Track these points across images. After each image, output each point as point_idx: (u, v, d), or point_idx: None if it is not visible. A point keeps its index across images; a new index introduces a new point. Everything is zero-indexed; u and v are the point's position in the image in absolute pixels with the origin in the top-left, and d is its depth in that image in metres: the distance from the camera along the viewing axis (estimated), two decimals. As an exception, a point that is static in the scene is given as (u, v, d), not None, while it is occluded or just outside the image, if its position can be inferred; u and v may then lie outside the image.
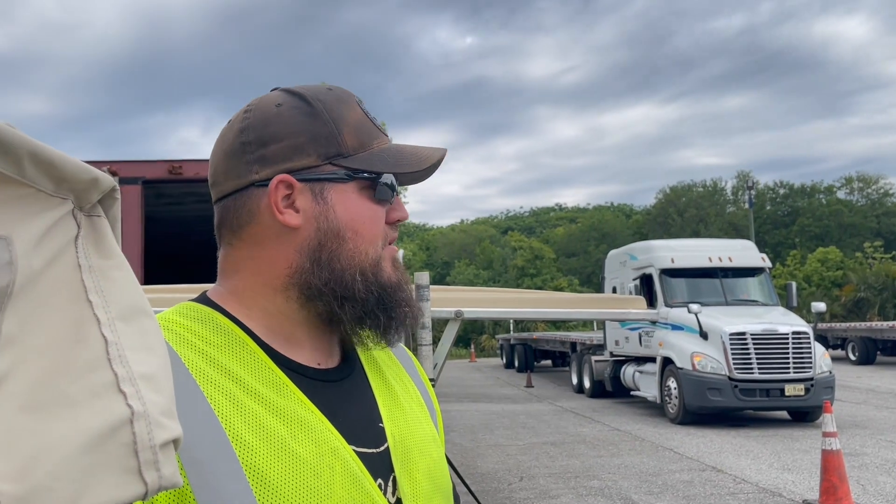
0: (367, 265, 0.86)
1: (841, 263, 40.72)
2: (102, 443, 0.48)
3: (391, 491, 0.85)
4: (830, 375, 10.93)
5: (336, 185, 0.85)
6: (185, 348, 0.80)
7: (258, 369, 0.82)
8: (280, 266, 0.85)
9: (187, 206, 5.70)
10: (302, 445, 0.78)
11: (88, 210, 0.58)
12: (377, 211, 0.87)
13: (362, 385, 0.91)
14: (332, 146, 0.86)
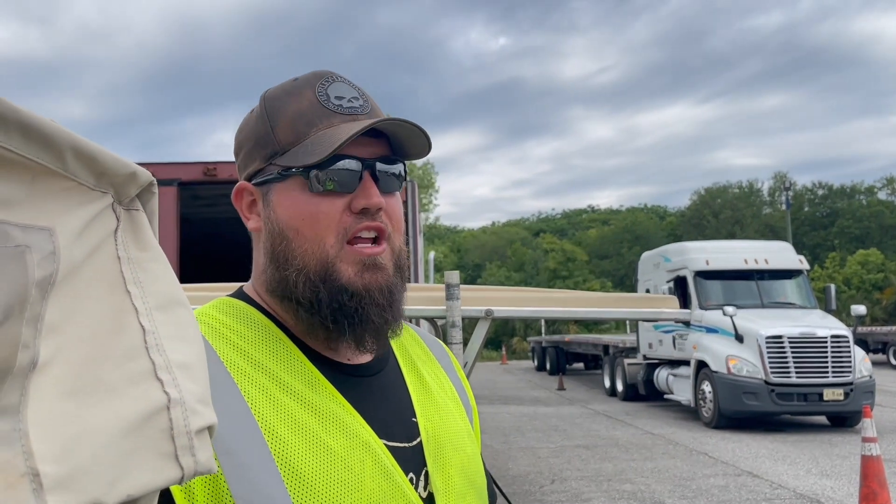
0: (311, 265, 0.82)
1: (882, 266, 39.75)
2: (140, 428, 0.50)
3: (423, 485, 0.85)
4: (871, 380, 10.67)
5: (277, 185, 0.85)
6: (221, 343, 0.81)
7: (291, 364, 0.83)
8: (259, 269, 0.89)
9: (221, 207, 5.78)
10: (334, 439, 0.79)
11: (127, 204, 0.60)
12: (320, 205, 0.82)
13: (395, 380, 0.92)
14: (268, 146, 0.86)
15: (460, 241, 64.73)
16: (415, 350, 0.99)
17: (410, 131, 0.84)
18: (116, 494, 0.47)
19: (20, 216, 0.49)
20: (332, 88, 0.86)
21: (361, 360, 0.89)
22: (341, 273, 0.82)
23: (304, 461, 0.76)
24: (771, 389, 10.46)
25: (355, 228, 0.83)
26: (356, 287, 0.82)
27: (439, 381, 0.98)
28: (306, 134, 0.84)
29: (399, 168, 0.88)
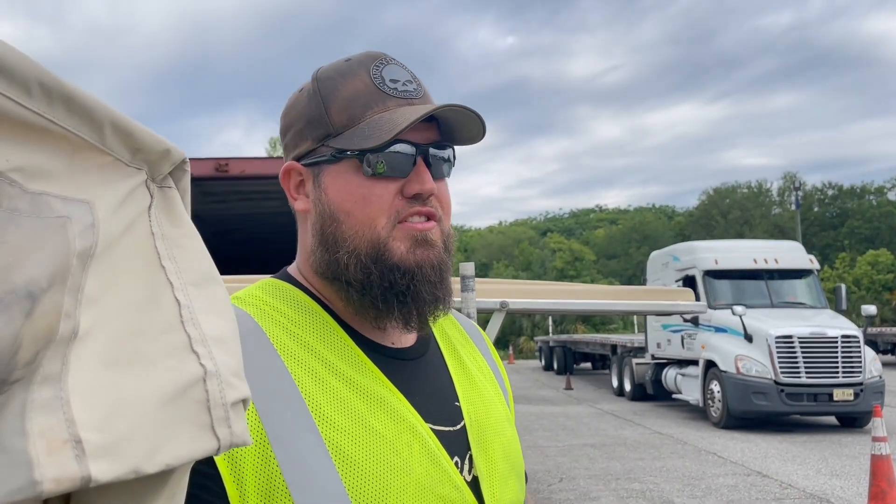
0: (362, 246, 0.82)
1: (892, 266, 39.52)
2: (178, 399, 0.50)
3: (467, 469, 0.85)
4: (881, 380, 10.61)
5: (329, 167, 0.85)
6: (269, 324, 0.81)
7: (338, 346, 0.83)
8: (307, 250, 0.88)
9: (232, 203, 5.81)
10: (381, 422, 0.79)
11: (160, 181, 0.61)
12: (373, 188, 0.82)
13: (438, 364, 0.92)
14: (321, 127, 0.85)
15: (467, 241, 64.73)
16: (454, 333, 0.99)
17: (464, 116, 0.84)
18: (156, 463, 0.47)
19: (61, 188, 0.50)
20: (387, 71, 0.86)
21: (405, 344, 0.89)
22: (393, 251, 0.82)
23: (353, 444, 0.76)
24: (780, 389, 10.41)
25: (407, 213, 0.83)
26: (408, 264, 0.82)
27: (478, 364, 0.98)
28: (361, 117, 0.83)
29: (449, 153, 0.88)
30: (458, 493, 0.81)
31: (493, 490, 0.86)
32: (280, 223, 6.84)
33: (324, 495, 0.72)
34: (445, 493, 0.80)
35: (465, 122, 0.85)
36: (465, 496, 0.82)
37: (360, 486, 0.74)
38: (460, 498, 0.81)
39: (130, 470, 0.46)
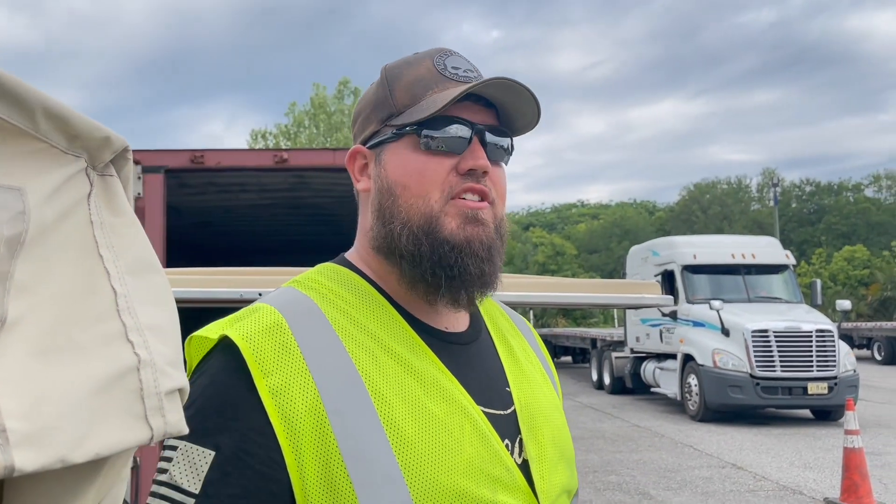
0: (415, 218, 0.85)
1: (868, 262, 40.09)
2: (110, 388, 0.50)
3: (518, 452, 0.87)
4: (854, 374, 10.78)
5: (389, 146, 0.89)
6: (328, 306, 0.84)
7: (394, 329, 0.85)
8: (367, 229, 0.91)
9: (209, 195, 5.75)
10: (434, 403, 0.81)
11: (101, 169, 0.60)
12: (428, 163, 0.85)
13: (489, 350, 0.95)
14: (385, 109, 0.89)
15: (450, 235, 64.36)
16: (502, 322, 1.02)
17: (520, 104, 0.87)
18: (84, 452, 0.47)
19: (-10, 175, 0.49)
20: (450, 60, 0.90)
21: (458, 329, 0.92)
22: (444, 226, 0.84)
23: (408, 423, 0.78)
24: (756, 383, 10.53)
25: (460, 188, 0.85)
26: (458, 239, 0.84)
27: (526, 353, 1.01)
28: (422, 97, 0.87)
29: (507, 142, 0.91)
30: (508, 474, 0.83)
31: (543, 473, 0.88)
32: (258, 216, 6.81)
33: (377, 468, 0.75)
34: (496, 474, 0.82)
35: (521, 107, 0.88)
36: (515, 478, 0.84)
37: (413, 462, 0.76)
38: (510, 479, 0.83)
39: (57, 459, 0.46)
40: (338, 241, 6.91)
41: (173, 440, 0.75)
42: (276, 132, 36.31)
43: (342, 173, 5.00)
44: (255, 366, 0.76)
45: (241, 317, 0.82)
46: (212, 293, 2.72)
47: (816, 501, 6.45)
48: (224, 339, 0.79)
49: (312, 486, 0.74)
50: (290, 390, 0.75)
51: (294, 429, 0.74)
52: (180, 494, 0.72)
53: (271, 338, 0.78)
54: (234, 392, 0.76)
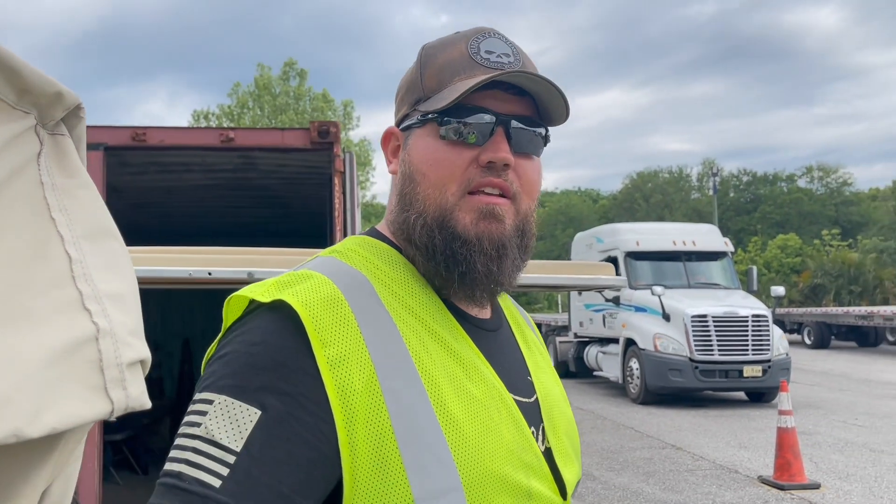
0: (430, 209, 0.83)
1: (800, 250, 41.64)
2: (67, 358, 0.47)
3: (541, 440, 0.88)
4: (787, 358, 11.19)
5: (416, 131, 0.87)
6: (376, 282, 0.82)
7: (434, 310, 0.84)
8: (391, 208, 0.91)
9: (151, 175, 5.57)
10: (476, 387, 0.80)
11: (52, 128, 0.56)
12: (449, 153, 0.83)
13: (510, 339, 0.95)
14: (415, 91, 0.88)
15: (396, 220, 64.30)
16: (515, 312, 1.03)
17: (550, 96, 0.84)
18: (40, 426, 0.44)
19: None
20: (486, 43, 0.86)
21: (484, 316, 0.91)
22: (458, 221, 0.82)
23: (455, 406, 0.77)
24: (695, 366, 10.84)
25: (478, 182, 0.82)
26: (469, 235, 0.82)
27: (536, 346, 1.02)
28: (447, 82, 0.85)
29: (539, 131, 0.87)
30: (537, 461, 0.83)
31: (563, 462, 0.89)
32: (202, 197, 6.64)
33: (429, 450, 0.73)
34: (528, 460, 0.82)
35: (552, 98, 0.85)
36: (542, 465, 0.84)
37: (461, 446, 0.75)
38: (539, 466, 0.83)
39: (10, 433, 0.42)
40: (286, 225, 6.82)
41: (207, 393, 0.70)
42: (219, 113, 35.49)
43: (290, 154, 4.91)
44: (314, 334, 0.73)
45: (291, 282, 0.78)
46: (159, 272, 2.63)
47: (751, 480, 6.69)
48: (278, 303, 0.75)
49: (363, 465, 0.71)
50: (347, 364, 0.73)
51: (349, 404, 0.72)
52: (218, 450, 0.67)
53: (330, 308, 0.75)
54: (290, 355, 0.72)
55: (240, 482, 0.65)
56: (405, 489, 0.71)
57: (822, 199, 56.10)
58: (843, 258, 32.58)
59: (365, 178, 36.69)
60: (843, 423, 9.41)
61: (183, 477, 0.66)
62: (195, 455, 0.67)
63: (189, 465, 0.66)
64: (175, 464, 0.67)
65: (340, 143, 4.35)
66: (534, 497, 0.81)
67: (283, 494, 0.67)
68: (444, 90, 0.84)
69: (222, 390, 0.69)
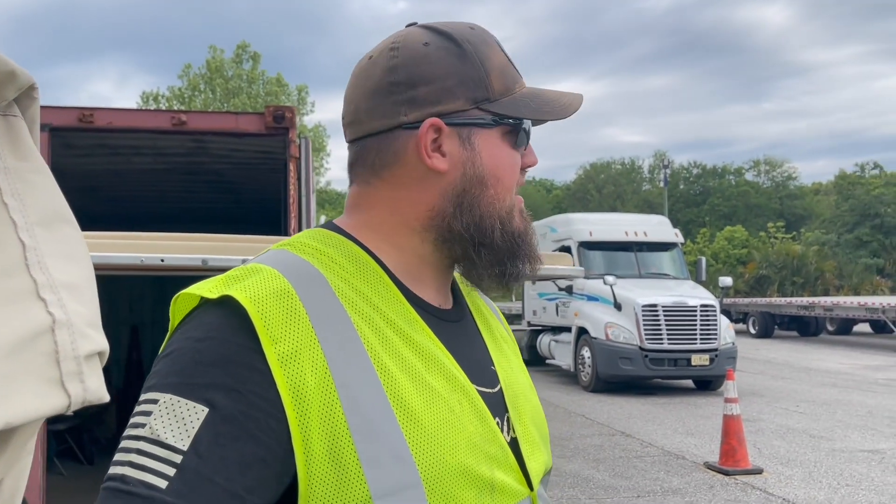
0: (504, 213, 0.87)
1: (746, 242, 42.73)
2: (20, 350, 0.45)
3: (507, 430, 0.87)
4: (733, 346, 11.49)
5: (482, 131, 0.86)
6: (330, 274, 0.79)
7: (392, 302, 0.82)
8: (421, 208, 0.86)
9: (98, 158, 5.40)
10: (436, 379, 0.79)
11: (4, 109, 0.54)
12: (516, 157, 0.88)
13: (473, 329, 0.94)
14: (480, 90, 0.85)
15: (351, 207, 63.68)
16: (479, 302, 1.01)
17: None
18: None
19: None
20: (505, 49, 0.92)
21: (446, 307, 0.90)
22: (515, 220, 0.89)
23: (414, 399, 0.76)
24: (645, 355, 11.06)
25: (520, 183, 0.91)
26: (521, 230, 0.89)
27: (501, 334, 1.01)
28: (512, 89, 0.88)
29: None
30: (502, 452, 0.83)
31: (528, 452, 0.88)
32: (153, 182, 6.48)
33: (386, 446, 0.72)
34: (492, 452, 0.81)
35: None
36: (507, 456, 0.84)
37: (420, 440, 0.74)
38: (504, 457, 0.83)
39: (-39, 429, 0.41)
40: (240, 211, 6.71)
41: (152, 393, 0.68)
42: (170, 95, 34.66)
43: (245, 139, 4.81)
44: (263, 330, 0.70)
45: (240, 277, 0.75)
46: (110, 258, 2.55)
47: (697, 465, 6.87)
48: (225, 299, 0.72)
49: (317, 462, 0.70)
50: (299, 360, 0.71)
51: (302, 401, 0.70)
52: (164, 450, 0.65)
53: (280, 303, 0.73)
54: (238, 351, 0.70)
55: (187, 482, 0.64)
56: (362, 486, 0.70)
57: (768, 192, 57.67)
58: (786, 250, 33.58)
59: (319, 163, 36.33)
60: (786, 411, 9.73)
61: (127, 479, 0.64)
62: (139, 456, 0.65)
63: (133, 467, 0.64)
64: (119, 467, 0.65)
65: (296, 128, 4.29)
66: (497, 489, 0.80)
67: (233, 493, 0.65)
68: (516, 96, 0.87)
69: (167, 389, 0.67)
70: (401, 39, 0.87)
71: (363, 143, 0.87)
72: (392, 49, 0.86)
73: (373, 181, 0.87)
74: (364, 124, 0.87)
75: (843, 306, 20.18)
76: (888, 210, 46.32)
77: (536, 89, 0.90)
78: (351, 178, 0.91)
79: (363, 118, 0.87)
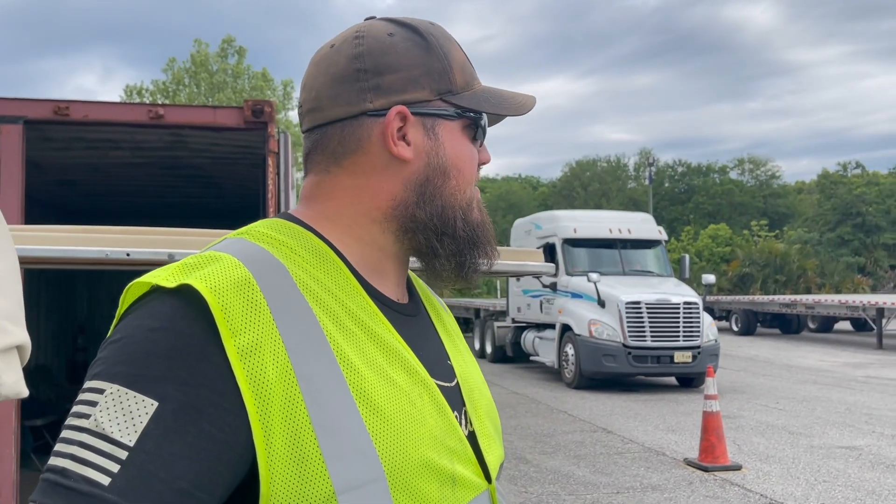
0: (464, 204, 0.88)
1: (730, 240, 43.01)
2: (-72, 345, 0.43)
3: (465, 424, 0.87)
4: (716, 344, 11.55)
5: (445, 122, 0.86)
6: (290, 264, 0.78)
7: (352, 294, 0.81)
8: (383, 197, 0.85)
9: (75, 151, 5.33)
10: (398, 373, 0.79)
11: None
12: (474, 151, 0.90)
13: (428, 323, 0.94)
14: (444, 82, 0.86)
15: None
16: (432, 297, 1.02)
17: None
18: None
19: None
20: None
21: (404, 301, 0.90)
22: (474, 212, 0.90)
23: (377, 393, 0.75)
24: (628, 352, 11.11)
25: (477, 178, 0.93)
26: (480, 222, 0.90)
27: (454, 329, 1.01)
28: (472, 84, 0.90)
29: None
30: (461, 445, 0.83)
31: (486, 445, 0.89)
32: (130, 176, 6.42)
33: (349, 440, 0.71)
34: (452, 445, 0.81)
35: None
36: (466, 449, 0.84)
37: (383, 433, 0.73)
38: (463, 451, 0.83)
39: None
40: (217, 205, 6.65)
41: (98, 381, 0.65)
42: (153, 89, 34.37)
43: (223, 133, 4.77)
44: (223, 322, 0.68)
45: (199, 265, 0.73)
46: (75, 252, 2.51)
47: (677, 462, 6.91)
48: (183, 287, 0.70)
49: (279, 457, 0.68)
50: (260, 353, 0.69)
51: (263, 395, 0.68)
52: (109, 444, 0.63)
53: (241, 294, 0.70)
54: (192, 343, 0.68)
55: (132, 479, 0.62)
56: (325, 481, 0.68)
57: (752, 190, 58.04)
58: (769, 248, 33.82)
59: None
60: (765, 407, 9.81)
61: (68, 473, 0.62)
62: (82, 450, 0.63)
63: (74, 461, 0.62)
64: (60, 458, 0.63)
65: (276, 122, 4.25)
66: (458, 482, 0.80)
67: (182, 490, 0.63)
68: (476, 91, 0.89)
69: (115, 378, 0.65)
70: (364, 29, 0.87)
71: (323, 130, 0.86)
72: (357, 38, 0.86)
73: (332, 169, 0.86)
74: (326, 111, 0.85)
75: (825, 304, 20.37)
76: (869, 209, 46.82)
77: (493, 87, 0.92)
78: (307, 167, 0.89)
79: (325, 105, 0.85)
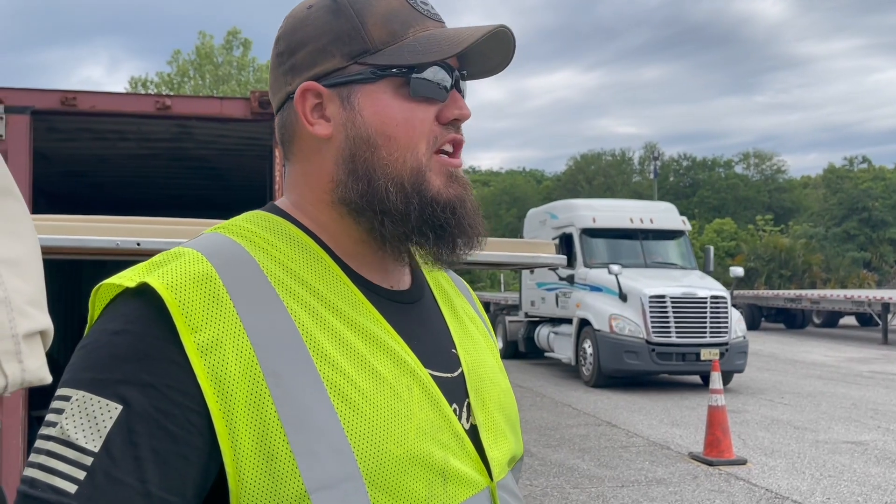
0: (403, 174, 0.78)
1: (735, 234, 42.88)
2: (-47, 328, 0.43)
3: (465, 417, 0.82)
4: (744, 340, 10.84)
5: (364, 87, 0.78)
6: (262, 256, 0.76)
7: (334, 284, 0.77)
8: (325, 180, 0.81)
9: (82, 142, 5.33)
10: (382, 364, 0.75)
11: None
12: (415, 111, 0.78)
13: (434, 310, 0.89)
14: (355, 43, 0.78)
15: (341, 196, 63.47)
16: (444, 282, 0.96)
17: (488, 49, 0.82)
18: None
19: None
20: None
21: (402, 287, 0.86)
22: (431, 183, 0.79)
23: (353, 385, 0.72)
24: (651, 349, 10.38)
25: (444, 139, 0.80)
26: (446, 198, 0.79)
27: (469, 314, 0.96)
28: (403, 35, 0.79)
29: (465, 86, 0.85)
30: (457, 440, 0.79)
31: (492, 440, 0.84)
32: (137, 167, 6.41)
33: (321, 437, 0.68)
34: (445, 440, 0.77)
35: (488, 51, 0.82)
36: (464, 444, 0.79)
37: (360, 429, 0.70)
38: (459, 446, 0.79)
39: None
40: (224, 197, 6.66)
41: (65, 389, 0.65)
42: (159, 81, 34.37)
43: (229, 124, 4.76)
44: (181, 319, 0.67)
45: (162, 262, 0.72)
46: (85, 241, 2.51)
47: (682, 456, 6.90)
48: (142, 287, 0.69)
49: (246, 455, 0.66)
50: (221, 348, 0.67)
51: (226, 392, 0.66)
52: (74, 452, 0.62)
53: (199, 288, 0.69)
54: (152, 343, 0.67)
55: (98, 486, 0.61)
56: (296, 479, 0.66)
57: (758, 185, 57.80)
58: (774, 243, 33.74)
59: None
60: (770, 402, 9.80)
61: (36, 484, 0.62)
62: (49, 458, 0.63)
63: (42, 470, 0.63)
64: (30, 469, 0.63)
65: (283, 114, 4.23)
66: (451, 478, 0.76)
67: (147, 494, 0.63)
68: (404, 42, 0.78)
69: (80, 385, 0.65)
70: (292, 9, 0.84)
71: (276, 120, 0.86)
72: (286, 19, 0.84)
73: (290, 157, 0.85)
74: (272, 101, 0.86)
75: (830, 299, 20.30)
76: (876, 204, 46.60)
77: (439, 31, 0.80)
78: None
79: (270, 95, 0.86)
